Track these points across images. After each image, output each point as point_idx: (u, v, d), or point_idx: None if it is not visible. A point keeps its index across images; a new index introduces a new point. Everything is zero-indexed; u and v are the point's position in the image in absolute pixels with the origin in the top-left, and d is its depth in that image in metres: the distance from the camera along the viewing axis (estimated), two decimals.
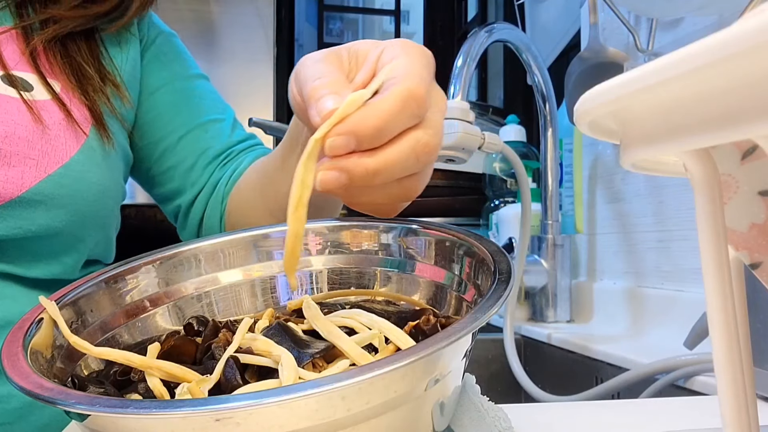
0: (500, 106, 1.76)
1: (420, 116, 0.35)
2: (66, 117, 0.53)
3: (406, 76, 0.34)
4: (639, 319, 0.87)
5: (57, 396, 0.26)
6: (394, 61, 0.36)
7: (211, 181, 0.64)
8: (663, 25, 0.83)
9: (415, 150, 0.35)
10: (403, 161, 0.35)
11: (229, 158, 0.65)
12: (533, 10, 1.43)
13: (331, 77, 0.36)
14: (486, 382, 0.92)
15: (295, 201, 0.32)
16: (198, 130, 0.64)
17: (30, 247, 0.52)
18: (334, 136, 0.33)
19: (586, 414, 0.46)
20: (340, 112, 0.33)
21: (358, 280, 0.42)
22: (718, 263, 0.17)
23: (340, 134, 0.33)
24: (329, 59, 0.38)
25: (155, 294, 0.41)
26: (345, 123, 0.33)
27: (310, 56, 0.39)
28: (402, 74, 0.34)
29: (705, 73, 0.13)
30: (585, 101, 0.18)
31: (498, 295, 0.30)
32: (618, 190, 0.95)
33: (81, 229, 0.54)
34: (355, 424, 0.25)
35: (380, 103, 0.33)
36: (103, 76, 0.58)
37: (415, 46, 0.37)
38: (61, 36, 0.56)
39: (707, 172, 0.17)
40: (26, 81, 0.53)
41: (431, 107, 0.36)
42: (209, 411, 0.23)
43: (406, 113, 0.34)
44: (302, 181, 0.32)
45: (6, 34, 0.55)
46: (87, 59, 0.57)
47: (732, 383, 0.17)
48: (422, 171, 0.38)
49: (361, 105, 0.33)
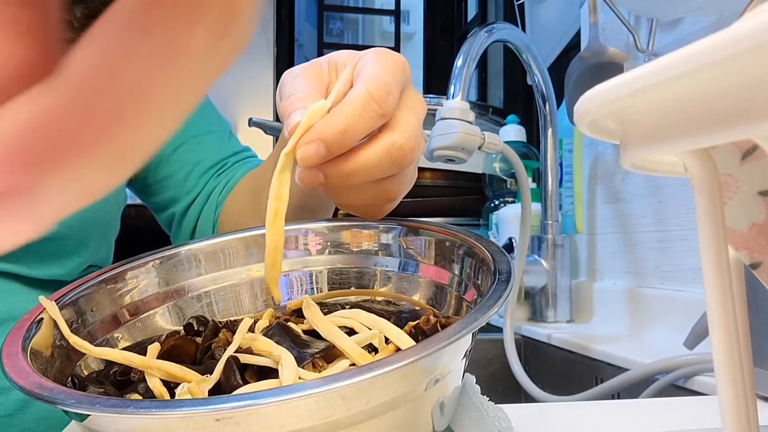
0: (500, 106, 1.76)
1: (384, 116, 0.36)
2: None
3: (368, 80, 0.36)
4: (639, 319, 0.87)
5: (57, 396, 0.26)
6: (363, 69, 0.38)
7: (205, 190, 0.65)
8: (663, 25, 0.83)
9: (389, 153, 0.36)
10: (377, 163, 0.36)
11: (224, 169, 0.66)
12: (533, 10, 1.43)
13: (303, 92, 0.38)
14: (486, 382, 0.92)
15: (272, 215, 0.34)
16: (193, 142, 0.66)
17: (36, 248, 0.53)
18: (303, 146, 0.34)
19: (586, 414, 0.46)
20: (303, 123, 0.34)
21: (358, 280, 0.42)
22: (718, 263, 0.17)
23: (308, 142, 0.34)
24: (307, 74, 0.40)
25: (155, 294, 0.41)
26: (311, 131, 0.34)
27: (291, 71, 0.41)
28: (364, 79, 0.36)
29: (705, 73, 0.13)
30: (585, 101, 0.18)
31: (498, 295, 0.30)
32: (618, 190, 0.95)
33: (86, 234, 0.56)
34: (355, 424, 0.25)
35: (342, 107, 0.35)
36: None
37: (387, 54, 0.39)
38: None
39: (707, 172, 0.17)
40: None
41: (404, 109, 0.38)
42: (209, 411, 0.23)
43: (369, 114, 0.35)
44: (277, 196, 0.34)
45: None
46: None
47: (732, 383, 0.17)
48: (401, 173, 0.39)
49: (325, 113, 0.35)
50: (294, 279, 0.43)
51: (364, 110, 0.35)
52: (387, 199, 0.40)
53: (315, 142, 0.34)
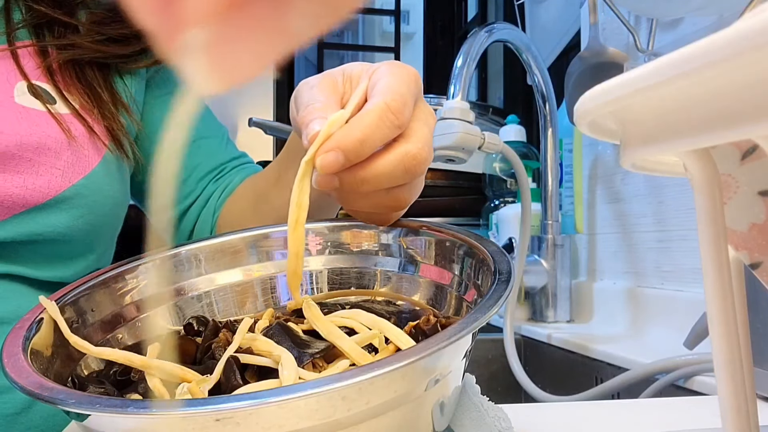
0: (500, 106, 1.75)
1: (399, 127, 0.37)
2: (87, 130, 0.56)
3: (384, 92, 0.37)
4: (639, 319, 0.87)
5: (57, 396, 0.26)
6: (379, 81, 0.39)
7: (203, 194, 0.66)
8: (663, 25, 0.83)
9: (403, 161, 0.37)
10: (390, 171, 0.37)
11: (222, 174, 0.67)
12: (533, 10, 1.43)
13: (322, 103, 0.39)
14: (486, 382, 0.92)
15: (293, 222, 0.35)
16: (191, 147, 0.66)
17: (43, 250, 0.54)
18: (323, 154, 0.35)
19: (586, 414, 0.46)
20: (323, 132, 0.36)
21: (358, 280, 0.42)
22: (718, 263, 0.17)
23: (327, 151, 0.35)
24: (323, 84, 0.41)
25: (155, 294, 0.41)
26: (330, 140, 0.36)
27: (307, 81, 0.42)
28: (380, 91, 0.38)
29: (705, 73, 0.13)
30: (585, 101, 0.18)
31: (498, 295, 0.30)
32: (618, 190, 0.95)
33: (93, 238, 0.56)
34: (355, 424, 0.25)
35: (360, 118, 0.36)
36: (116, 100, 0.60)
37: (401, 67, 0.40)
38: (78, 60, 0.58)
39: (707, 172, 0.17)
40: (48, 92, 0.55)
41: (417, 121, 0.39)
42: (209, 411, 0.23)
43: (386, 124, 0.37)
44: (298, 203, 0.35)
45: (23, 50, 0.57)
46: (101, 84, 0.59)
47: (732, 383, 0.17)
48: (412, 182, 0.40)
49: (343, 123, 0.36)
50: None
51: (381, 121, 0.36)
52: (396, 208, 0.41)
53: (334, 151, 0.35)
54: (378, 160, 0.37)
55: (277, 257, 0.43)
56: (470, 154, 0.80)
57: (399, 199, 0.40)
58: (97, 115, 0.57)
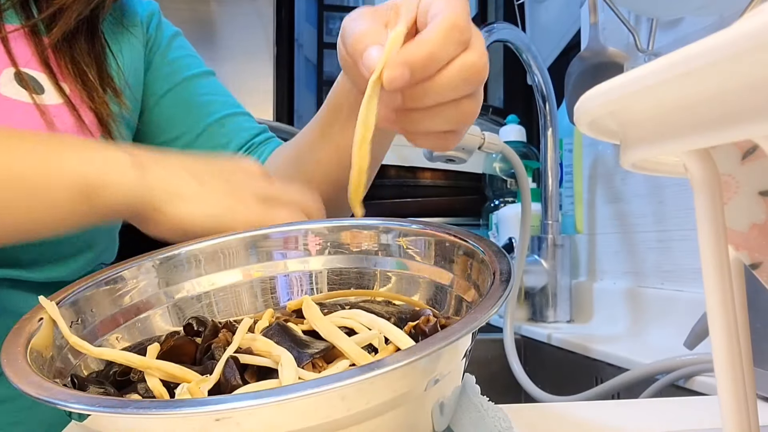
0: (500, 106, 1.75)
1: (464, 43, 0.39)
2: (76, 122, 0.54)
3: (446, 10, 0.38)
4: (639, 319, 0.86)
5: (57, 396, 0.26)
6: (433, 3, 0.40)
7: None
8: (663, 25, 0.83)
9: (462, 70, 0.39)
10: (452, 81, 0.39)
11: (251, 149, 0.67)
12: (533, 10, 1.43)
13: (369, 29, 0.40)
14: (486, 382, 0.91)
15: (360, 139, 0.37)
16: (215, 126, 0.66)
17: (38, 249, 0.53)
18: (391, 69, 0.37)
19: (586, 414, 0.46)
20: (387, 50, 0.37)
21: (358, 280, 0.42)
22: (718, 263, 0.17)
23: (396, 66, 0.37)
24: (366, 14, 0.43)
25: (155, 294, 0.41)
26: (398, 55, 0.37)
27: (350, 15, 0.44)
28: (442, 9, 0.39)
29: (705, 73, 0.13)
30: (585, 101, 0.18)
31: (498, 295, 0.30)
32: (618, 190, 0.95)
33: (92, 234, 0.56)
34: (355, 424, 0.25)
35: (427, 34, 0.38)
36: (104, 82, 0.58)
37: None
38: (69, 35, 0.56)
39: (707, 172, 0.17)
40: (37, 81, 0.54)
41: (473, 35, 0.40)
42: (209, 411, 0.23)
43: (452, 41, 0.38)
44: (364, 122, 0.37)
45: (15, 33, 0.55)
46: (90, 62, 0.58)
47: (732, 383, 0.17)
48: (474, 93, 0.41)
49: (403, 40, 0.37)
50: (294, 279, 0.43)
51: (448, 37, 0.38)
52: (464, 121, 0.42)
53: (402, 66, 0.37)
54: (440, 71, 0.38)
55: (276, 257, 0.43)
56: (470, 154, 0.80)
57: (465, 112, 0.41)
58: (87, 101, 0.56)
